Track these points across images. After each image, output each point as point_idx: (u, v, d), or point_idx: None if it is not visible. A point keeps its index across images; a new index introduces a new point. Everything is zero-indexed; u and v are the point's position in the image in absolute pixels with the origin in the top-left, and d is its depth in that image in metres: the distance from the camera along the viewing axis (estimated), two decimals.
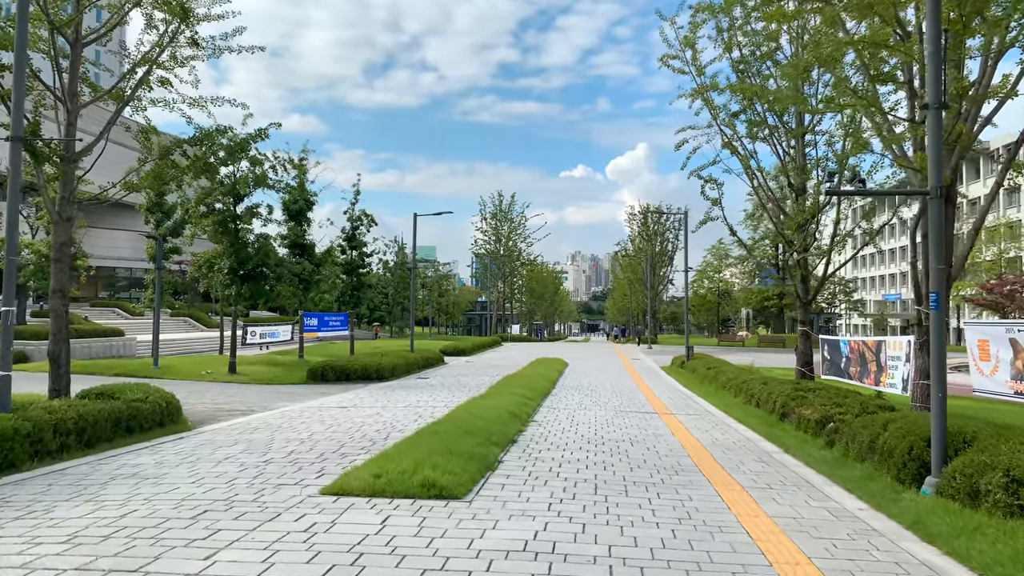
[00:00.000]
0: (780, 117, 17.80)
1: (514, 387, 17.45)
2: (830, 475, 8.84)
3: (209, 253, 22.33)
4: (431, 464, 7.74)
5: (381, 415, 13.96)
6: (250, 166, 21.74)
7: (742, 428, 12.99)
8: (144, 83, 12.14)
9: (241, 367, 24.25)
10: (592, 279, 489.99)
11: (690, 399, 18.35)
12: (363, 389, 19.73)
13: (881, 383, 12.74)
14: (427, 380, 22.95)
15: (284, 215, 26.62)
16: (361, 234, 32.28)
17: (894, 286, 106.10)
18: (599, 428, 12.59)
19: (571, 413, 14.69)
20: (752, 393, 15.81)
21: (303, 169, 26.60)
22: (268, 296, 22.64)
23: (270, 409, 15.29)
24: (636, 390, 20.35)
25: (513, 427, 11.63)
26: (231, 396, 17.93)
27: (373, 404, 15.95)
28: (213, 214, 21.63)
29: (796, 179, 17.61)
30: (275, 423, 12.80)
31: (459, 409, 12.99)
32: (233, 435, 11.38)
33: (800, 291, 17.53)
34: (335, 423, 12.75)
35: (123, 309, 49.75)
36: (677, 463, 9.49)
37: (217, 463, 8.99)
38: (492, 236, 68.85)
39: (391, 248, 65.18)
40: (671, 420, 14.01)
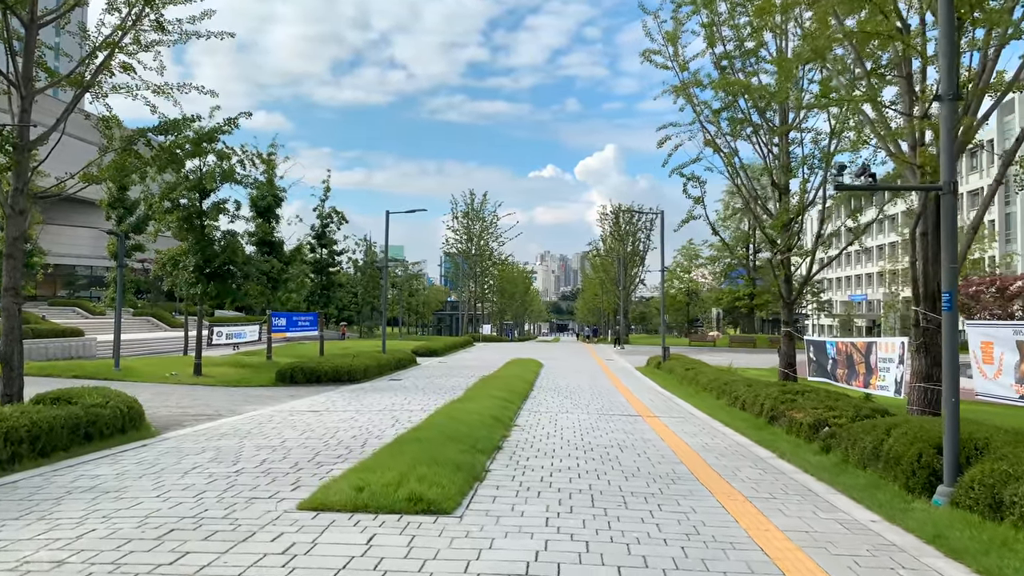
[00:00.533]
0: (763, 114, 17.53)
1: (493, 390, 16.94)
2: (832, 483, 8.47)
3: (174, 250, 21.48)
4: (417, 476, 7.22)
5: (356, 420, 13.37)
6: (217, 160, 21.01)
7: (730, 432, 12.63)
8: (105, 68, 11.42)
9: (207, 368, 23.41)
10: (561, 279, 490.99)
11: (671, 401, 18.00)
12: (334, 391, 19.09)
13: (871, 385, 12.46)
14: (400, 382, 22.36)
15: (252, 211, 25.81)
16: (331, 232, 31.54)
17: (860, 287, 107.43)
18: (584, 432, 12.14)
19: (553, 417, 14.22)
20: (737, 395, 15.49)
21: (271, 164, 25.81)
22: (235, 295, 21.85)
23: (238, 413, 14.62)
24: (615, 392, 19.96)
25: (497, 432, 11.13)
26: (197, 399, 17.19)
27: (346, 408, 15.34)
28: (178, 210, 20.80)
29: (780, 178, 17.34)
30: (244, 429, 12.16)
31: (439, 414, 12.46)
32: (200, 442, 10.73)
33: (783, 291, 17.27)
34: (308, 429, 12.15)
35: (83, 308, 48.29)
36: (672, 471, 9.07)
37: (183, 474, 8.36)
38: (464, 235, 68.19)
39: (360, 247, 64.35)
40: (656, 424, 13.61)
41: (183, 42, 11.91)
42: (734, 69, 17.17)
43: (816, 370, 15.87)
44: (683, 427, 13.22)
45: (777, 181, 17.45)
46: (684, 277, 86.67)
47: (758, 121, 17.30)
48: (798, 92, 14.22)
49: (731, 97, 16.74)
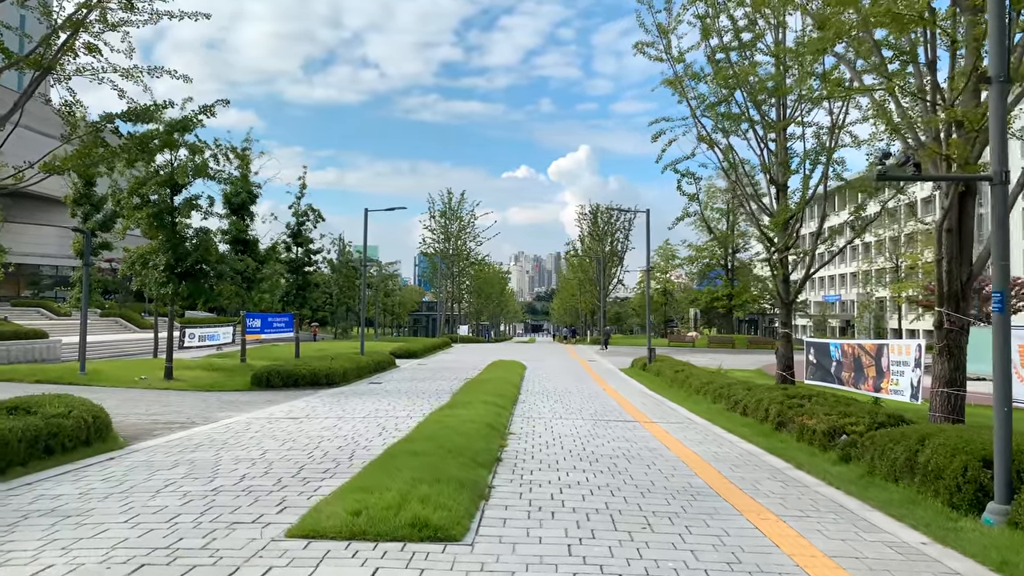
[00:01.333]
0: (759, 108, 16.97)
1: (482, 394, 16.20)
2: (862, 497, 7.87)
3: (143, 248, 20.47)
4: (419, 496, 6.47)
5: (339, 428, 12.57)
6: (189, 155, 20.07)
7: (736, 439, 12.01)
8: (68, 49, 10.52)
9: (178, 372, 22.40)
10: (535, 279, 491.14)
11: (664, 405, 17.38)
12: (313, 396, 18.25)
13: (882, 389, 11.92)
14: (381, 385, 21.55)
15: (225, 209, 24.83)
16: (307, 230, 30.62)
17: (833, 287, 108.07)
18: (585, 441, 11.46)
19: (548, 423, 13.52)
20: (736, 400, 14.90)
21: (246, 160, 24.84)
22: (208, 295, 20.86)
23: (213, 421, 13.75)
24: (605, 395, 19.32)
25: (494, 442, 10.40)
26: (168, 406, 16.26)
27: (328, 414, 14.53)
28: (148, 206, 19.80)
29: (778, 175, 16.80)
30: (220, 439, 11.32)
31: (431, 422, 11.69)
32: (173, 455, 9.89)
33: (781, 291, 16.74)
34: (289, 438, 11.34)
35: (48, 309, 46.81)
36: (688, 484, 8.41)
37: (155, 493, 7.54)
38: (441, 234, 67.25)
39: (335, 246, 63.17)
40: (656, 430, 12.96)
41: (154, 22, 11.02)
42: (730, 62, 16.60)
43: (816, 373, 15.36)
44: (685, 434, 12.59)
45: (775, 178, 16.90)
46: (661, 278, 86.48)
47: (755, 116, 16.75)
48: (805, 81, 13.61)
49: (727, 91, 16.17)
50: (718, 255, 61.34)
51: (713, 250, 63.93)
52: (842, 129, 15.32)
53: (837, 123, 15.22)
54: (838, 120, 15.20)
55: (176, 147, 18.23)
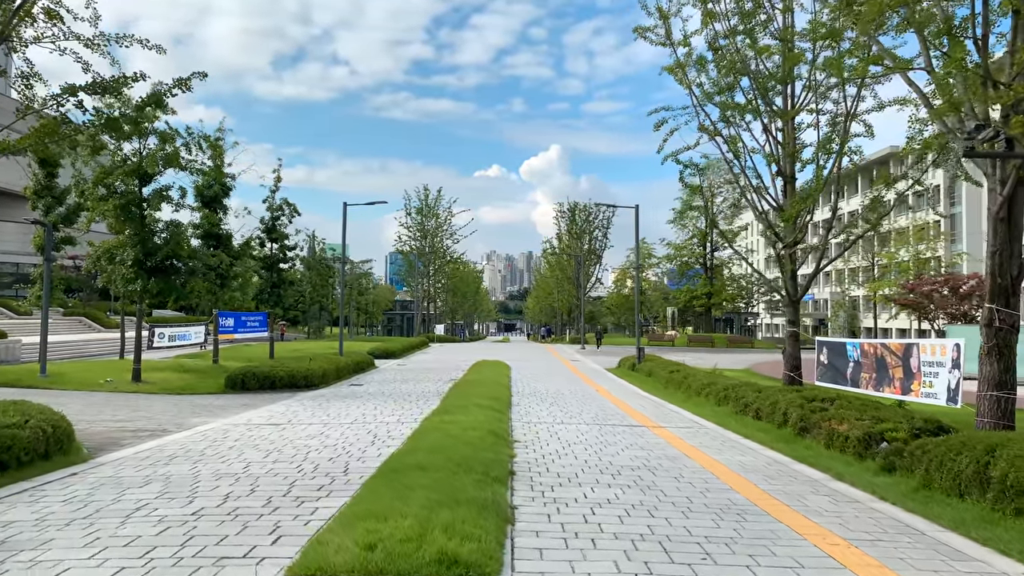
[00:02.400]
0: (764, 96, 16.17)
1: (474, 397, 15.26)
2: (926, 515, 7.06)
3: (109, 243, 19.19)
4: (441, 524, 5.51)
5: (327, 435, 11.55)
6: (160, 143, 18.88)
7: (757, 446, 11.19)
8: (25, 15, 9.38)
9: (147, 374, 21.15)
10: (507, 279, 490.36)
11: (665, 407, 16.56)
12: (293, 400, 17.18)
13: (912, 392, 11.18)
14: (363, 387, 20.50)
15: (197, 201, 23.58)
16: (282, 225, 29.44)
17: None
18: (596, 449, 10.56)
19: (551, 429, 12.60)
20: (747, 402, 14.10)
21: (219, 150, 23.61)
22: (180, 292, 19.64)
23: (187, 428, 12.64)
24: (600, 397, 18.45)
25: (502, 452, 9.46)
26: (137, 411, 15.09)
27: (312, 420, 13.50)
28: (114, 197, 18.54)
29: (786, 166, 16.02)
30: (197, 449, 10.26)
31: (430, 430, 10.71)
32: (144, 469, 8.82)
33: (789, 288, 15.99)
34: (273, 448, 10.31)
35: (7, 308, 44.86)
36: (729, 501, 7.54)
37: (124, 518, 6.50)
38: (418, 232, 65.86)
39: (307, 243, 61.51)
40: (668, 436, 12.11)
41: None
42: (736, 48, 15.80)
43: (827, 374, 14.62)
44: (700, 440, 11.75)
45: (783, 169, 16.13)
46: None
47: (761, 106, 15.95)
48: (838, 64, 12.79)
49: (732, 78, 15.36)
50: (697, 253, 60.87)
51: (692, 248, 63.48)
52: (855, 118, 14.61)
53: (851, 111, 14.50)
54: (852, 108, 14.48)
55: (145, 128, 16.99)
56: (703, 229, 61.46)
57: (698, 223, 61.24)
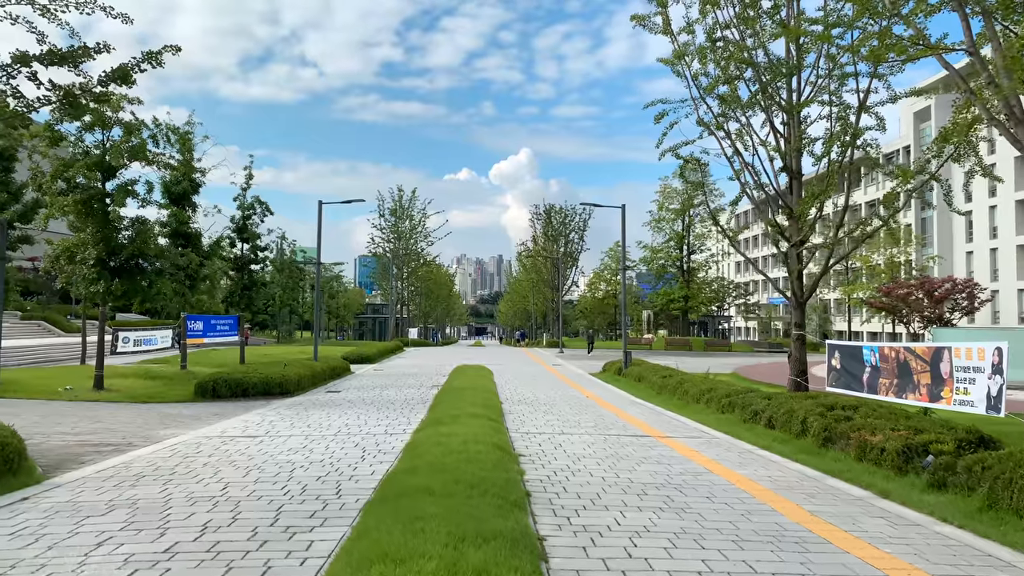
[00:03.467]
0: (766, 89, 15.42)
1: (464, 405, 14.29)
2: (1003, 541, 6.27)
3: (69, 241, 17.92)
4: (474, 568, 4.57)
5: (311, 449, 10.54)
6: (125, 134, 17.70)
7: (780, 459, 10.37)
8: None
9: (111, 380, 19.87)
10: (478, 282, 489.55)
11: (664, 415, 15.73)
12: (268, 408, 16.10)
13: (944, 399, 10.45)
14: (341, 394, 19.43)
15: (165, 198, 22.31)
16: (254, 225, 28.19)
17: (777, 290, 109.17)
18: (609, 463, 9.68)
19: (553, 440, 11.70)
20: (757, 410, 13.32)
21: (188, 144, 22.38)
22: (146, 294, 18.39)
23: (155, 441, 11.54)
24: (594, 404, 17.57)
25: (512, 469, 8.51)
26: (99, 422, 13.91)
27: (291, 431, 12.46)
28: (75, 191, 17.30)
29: (792, 161, 15.27)
30: (167, 467, 9.19)
31: (427, 443, 9.73)
32: (106, 491, 7.76)
33: (796, 289, 15.24)
34: (252, 465, 9.28)
35: None
36: (778, 526, 6.69)
37: (83, 558, 5.47)
38: (392, 234, 64.46)
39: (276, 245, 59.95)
40: (681, 448, 11.26)
41: None
42: (742, 37, 15.05)
43: (840, 379, 13.89)
44: (715, 452, 10.92)
45: (788, 165, 15.39)
46: (612, 280, 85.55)
47: (763, 102, 15.21)
48: (863, 46, 12.03)
49: (736, 70, 14.60)
50: (674, 256, 60.42)
51: (669, 251, 62.99)
52: (867, 110, 13.93)
53: (863, 102, 13.82)
54: (864, 99, 13.79)
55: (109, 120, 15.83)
56: (680, 232, 61.07)
57: (675, 226, 60.87)
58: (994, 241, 64.58)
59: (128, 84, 10.47)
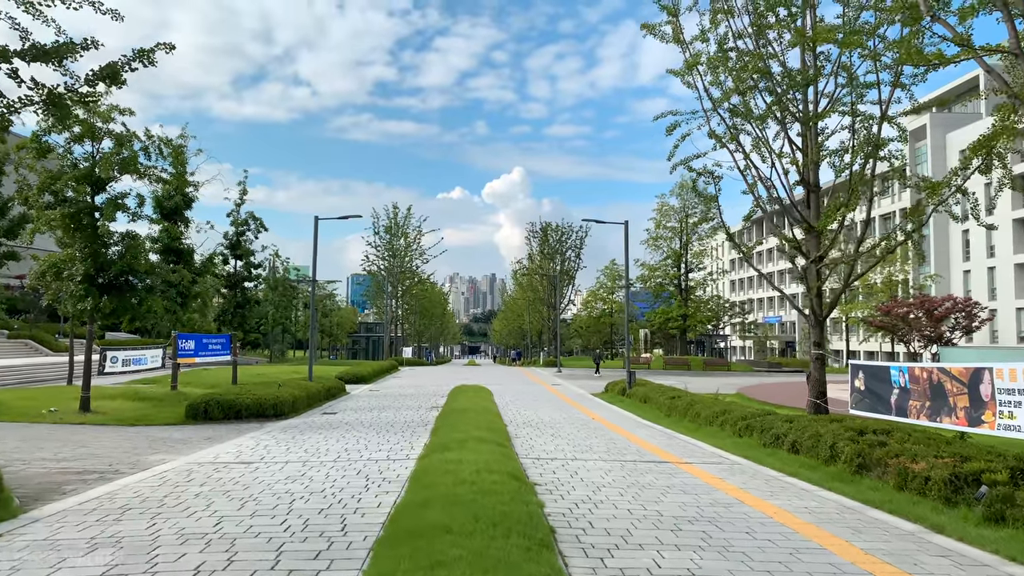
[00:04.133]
0: (780, 100, 14.89)
1: (468, 428, 13.61)
2: None
3: (55, 256, 17.24)
4: None
5: (310, 477, 9.85)
6: (116, 145, 17.09)
7: (812, 487, 9.73)
8: None
9: (98, 402, 19.11)
10: (471, 301, 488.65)
11: (677, 439, 15.06)
12: (262, 431, 15.38)
13: (986, 423, 9.83)
14: (338, 416, 18.72)
15: (156, 213, 21.65)
16: (247, 241, 27.50)
17: (772, 309, 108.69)
18: (632, 494, 9.02)
19: (567, 466, 11.04)
20: (778, 434, 12.69)
21: (181, 157, 21.76)
22: (136, 312, 17.71)
23: (142, 468, 10.83)
24: (602, 427, 16.90)
25: (531, 501, 7.85)
26: (84, 447, 13.17)
27: (288, 457, 11.76)
28: (63, 205, 16.65)
29: (810, 175, 14.74)
30: (155, 498, 8.50)
31: (436, 472, 9.05)
32: (89, 527, 7.06)
33: (815, 306, 14.66)
34: (248, 496, 8.59)
35: None
36: (834, 568, 6.05)
37: None
38: (387, 251, 63.63)
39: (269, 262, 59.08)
40: (703, 475, 10.61)
41: None
42: (756, 46, 14.57)
43: (864, 401, 13.27)
44: (741, 479, 10.27)
45: (805, 178, 14.85)
46: (608, 299, 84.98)
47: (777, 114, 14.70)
48: (908, 45, 11.48)
49: (752, 80, 14.10)
50: (671, 275, 59.91)
51: (666, 269, 62.46)
52: (888, 120, 13.44)
53: (885, 111, 13.33)
54: (885, 108, 13.30)
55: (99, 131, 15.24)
56: (677, 250, 60.61)
57: (672, 244, 60.43)
58: (992, 260, 64.35)
59: (118, 84, 9.84)
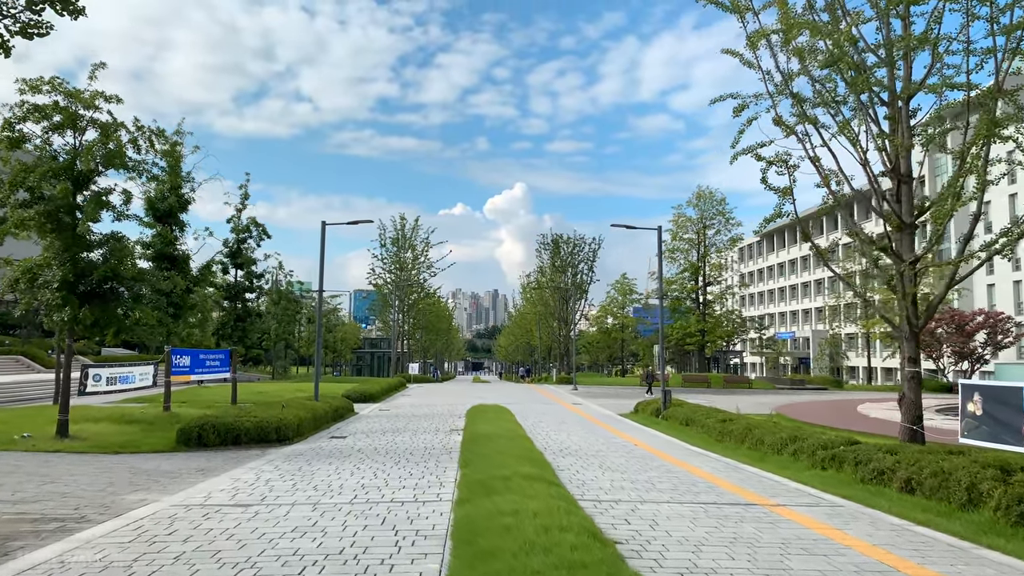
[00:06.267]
0: (867, 76, 12.81)
1: (507, 460, 11.54)
2: None
3: (30, 261, 15.23)
4: None
5: (323, 528, 7.79)
6: (100, 135, 15.15)
7: (965, 545, 7.62)
8: None
9: (79, 426, 17.04)
10: (473, 317, 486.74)
11: (743, 470, 12.92)
12: (264, 461, 13.32)
13: None
14: (347, 441, 16.66)
15: (149, 215, 19.64)
16: (249, 249, 25.42)
17: (784, 324, 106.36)
18: (748, 557, 6.93)
19: (637, 511, 8.93)
20: (880, 468, 10.58)
21: (177, 155, 19.77)
22: (121, 323, 15.65)
23: (115, 514, 8.76)
24: (652, 456, 14.77)
25: (622, 573, 5.76)
26: (52, 482, 11.09)
27: (294, 497, 9.71)
28: (39, 203, 14.66)
29: (901, 161, 12.71)
30: (121, 563, 6.45)
31: (486, 525, 6.93)
32: None
33: (910, 315, 12.58)
34: (244, 560, 6.54)
35: None
36: None
37: None
38: (394, 264, 61.43)
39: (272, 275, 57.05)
40: (813, 524, 8.50)
41: None
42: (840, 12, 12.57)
43: (981, 428, 11.18)
44: (867, 531, 8.16)
45: (895, 166, 12.82)
46: (619, 313, 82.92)
47: (864, 88, 12.68)
48: None
49: (840, 49, 12.09)
50: (689, 288, 57.75)
51: (683, 282, 60.30)
52: (1005, 95, 11.46)
53: (1001, 84, 11.34)
54: (1002, 81, 11.32)
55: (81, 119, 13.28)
56: (695, 262, 58.47)
57: (690, 256, 58.32)
58: (1017, 273, 62.18)
59: (73, 14, 7.87)
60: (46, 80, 14.82)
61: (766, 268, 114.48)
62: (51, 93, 14.89)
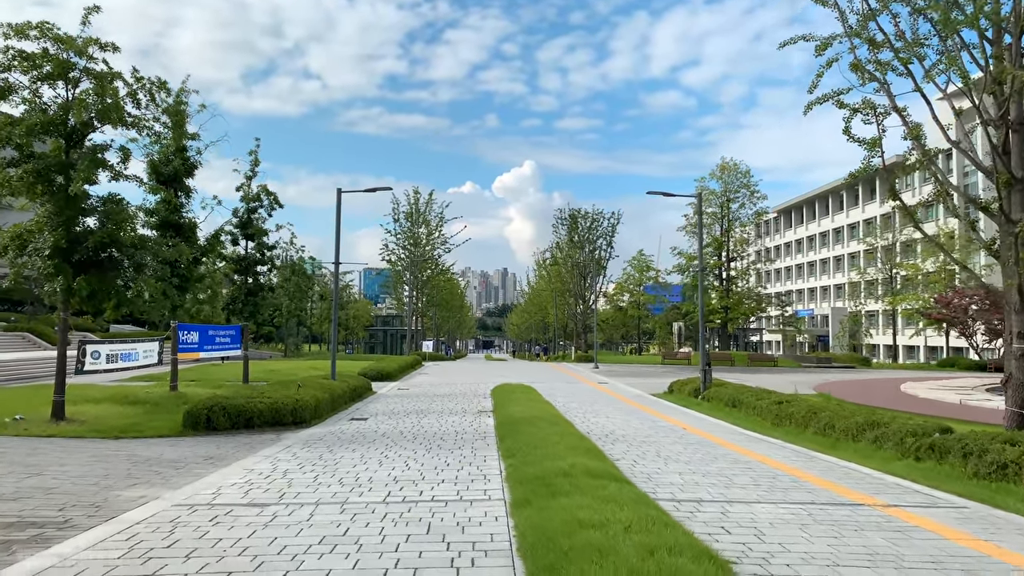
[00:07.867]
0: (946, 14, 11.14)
1: (559, 449, 10.04)
2: None
3: (20, 226, 13.76)
4: None
5: (356, 537, 6.36)
6: (96, 85, 13.63)
7: None
8: None
9: (79, 407, 15.70)
10: (483, 295, 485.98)
11: (822, 460, 11.39)
12: (279, 446, 11.93)
13: None
14: (369, 423, 15.30)
15: (152, 180, 18.13)
16: (260, 220, 23.92)
17: (801, 301, 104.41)
18: None
19: (731, 517, 7.44)
20: (999, 461, 9.03)
21: (181, 115, 18.21)
22: (121, 295, 14.20)
23: (107, 517, 7.33)
24: (711, 443, 13.25)
25: None
26: (38, 474, 9.68)
27: (317, 492, 8.31)
28: (27, 161, 13.17)
29: (1014, 107, 11.04)
30: None
31: (569, 543, 5.37)
32: None
33: (1023, 284, 10.96)
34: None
35: None
36: None
37: None
38: (408, 240, 59.66)
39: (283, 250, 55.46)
40: (952, 534, 7.00)
41: None
42: None
43: None
44: (1018, 541, 6.66)
45: (1005, 113, 11.14)
46: (636, 291, 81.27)
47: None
48: None
49: None
50: (712, 264, 55.97)
51: (707, 258, 58.46)
52: None
53: None
54: None
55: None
56: (718, 237, 56.62)
57: (713, 230, 56.44)
58: None
59: None
60: (34, 24, 13.29)
61: (783, 244, 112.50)
62: (39, 39, 13.35)
